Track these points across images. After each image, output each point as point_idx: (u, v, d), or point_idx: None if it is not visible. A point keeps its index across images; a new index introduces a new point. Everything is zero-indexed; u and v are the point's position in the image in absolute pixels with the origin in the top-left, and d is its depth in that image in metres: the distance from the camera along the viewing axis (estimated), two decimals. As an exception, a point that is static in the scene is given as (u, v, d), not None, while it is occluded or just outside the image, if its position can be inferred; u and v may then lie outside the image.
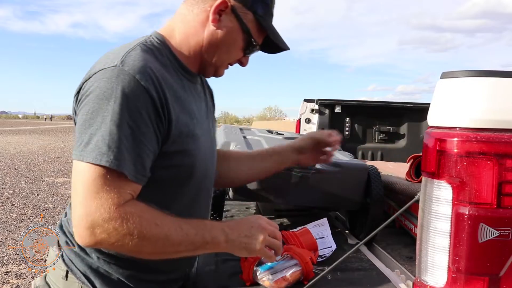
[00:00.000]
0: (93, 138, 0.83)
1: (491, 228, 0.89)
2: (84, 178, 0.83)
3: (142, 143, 0.86)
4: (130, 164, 0.84)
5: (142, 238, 0.84)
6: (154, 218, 0.87)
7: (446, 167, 0.93)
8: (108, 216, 0.81)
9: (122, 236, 0.83)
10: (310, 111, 3.04)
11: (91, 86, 0.87)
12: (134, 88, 0.85)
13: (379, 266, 1.34)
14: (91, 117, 0.84)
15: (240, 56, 1.07)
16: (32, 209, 5.71)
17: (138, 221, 0.84)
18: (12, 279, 3.42)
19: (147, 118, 0.86)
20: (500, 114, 0.92)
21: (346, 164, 1.55)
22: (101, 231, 0.82)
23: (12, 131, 27.91)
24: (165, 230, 0.87)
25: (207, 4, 1.00)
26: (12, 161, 10.83)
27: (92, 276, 0.98)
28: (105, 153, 0.82)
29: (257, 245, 0.97)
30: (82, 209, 0.82)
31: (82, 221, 0.82)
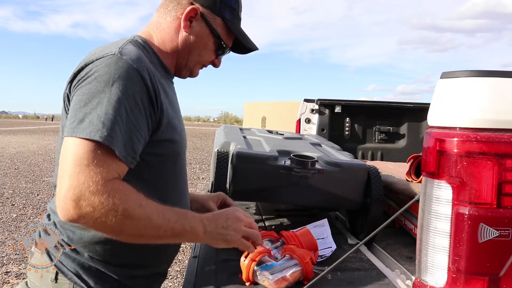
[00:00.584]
0: (87, 116, 0.86)
1: (491, 228, 0.89)
2: (74, 152, 0.84)
3: (134, 128, 0.90)
4: (121, 144, 0.87)
5: (126, 216, 0.85)
6: (139, 199, 0.89)
7: (446, 167, 0.93)
8: (95, 189, 0.82)
9: (107, 211, 0.83)
10: (310, 111, 3.04)
11: (89, 71, 0.91)
12: (132, 75, 0.91)
13: (379, 266, 1.34)
14: (88, 98, 0.88)
15: (212, 58, 1.16)
16: (32, 209, 5.71)
17: (124, 198, 0.85)
18: (12, 279, 3.42)
19: (141, 105, 0.91)
20: (500, 114, 0.92)
21: (346, 164, 1.55)
22: (86, 204, 0.82)
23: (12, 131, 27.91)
24: (147, 211, 0.89)
25: (179, 12, 1.08)
26: (12, 161, 10.83)
27: (85, 275, 0.99)
28: (99, 130, 0.84)
29: (234, 236, 1.01)
30: (70, 181, 0.82)
31: (69, 193, 0.82)
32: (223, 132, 2.03)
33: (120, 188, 0.87)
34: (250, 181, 1.50)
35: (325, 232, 1.45)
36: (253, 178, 1.49)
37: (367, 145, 3.05)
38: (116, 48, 0.94)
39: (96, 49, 0.99)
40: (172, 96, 1.09)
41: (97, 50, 0.97)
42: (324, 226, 1.46)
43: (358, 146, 3.04)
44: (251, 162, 1.49)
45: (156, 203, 0.92)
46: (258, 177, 1.49)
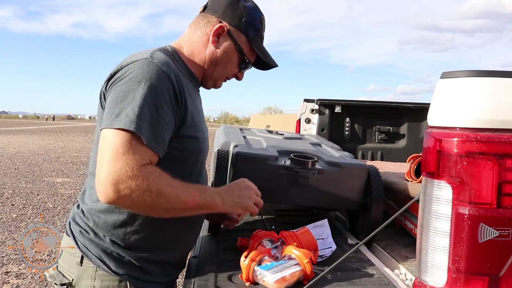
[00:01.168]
0: (123, 111, 0.99)
1: (491, 228, 0.89)
2: (112, 141, 0.97)
3: (163, 121, 1.03)
4: (152, 135, 1.00)
5: (159, 195, 0.99)
6: (168, 179, 1.03)
7: (446, 167, 0.93)
8: (132, 174, 0.95)
9: (143, 192, 0.96)
10: (310, 111, 3.03)
11: (125, 72, 1.05)
12: (160, 75, 1.04)
13: (379, 266, 1.34)
14: (123, 95, 1.01)
15: (236, 71, 1.30)
16: (32, 209, 5.71)
17: (156, 180, 0.99)
18: (12, 279, 3.43)
19: (169, 101, 1.04)
20: (500, 114, 0.92)
21: (346, 164, 1.55)
22: (124, 187, 0.94)
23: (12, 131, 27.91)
24: (176, 189, 1.03)
25: (208, 29, 1.23)
26: (12, 161, 10.83)
27: (106, 259, 1.12)
28: (134, 121, 0.97)
29: (249, 202, 1.19)
30: (109, 167, 0.95)
31: (108, 177, 0.94)
32: (223, 132, 2.03)
33: (152, 171, 0.99)
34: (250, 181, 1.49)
35: (325, 233, 1.45)
36: (253, 178, 1.49)
37: (367, 145, 3.05)
38: (148, 54, 1.08)
39: (131, 54, 1.13)
40: (196, 100, 1.23)
41: (132, 56, 1.11)
42: (324, 227, 1.46)
43: (358, 146, 3.04)
44: (251, 162, 1.49)
45: (181, 182, 1.06)
46: (258, 177, 1.49)
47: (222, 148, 1.65)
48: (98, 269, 1.12)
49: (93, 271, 1.12)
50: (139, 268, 1.16)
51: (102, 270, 1.11)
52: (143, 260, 1.16)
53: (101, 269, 1.12)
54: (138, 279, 1.15)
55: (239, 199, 1.17)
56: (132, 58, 1.08)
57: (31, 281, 3.39)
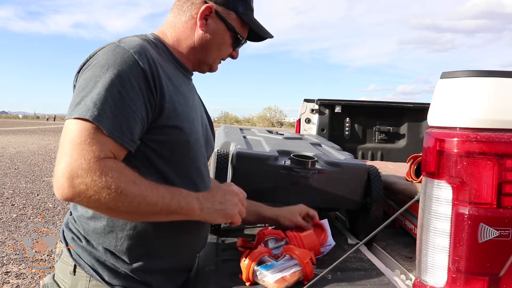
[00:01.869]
0: (83, 99, 0.90)
1: (491, 228, 0.89)
2: (69, 132, 0.88)
3: (130, 108, 0.91)
4: (114, 124, 0.89)
5: (119, 193, 0.87)
6: (133, 176, 0.91)
7: (446, 167, 0.93)
8: (87, 167, 0.84)
9: (100, 188, 0.85)
10: (310, 111, 3.04)
11: (91, 60, 0.97)
12: (127, 59, 0.94)
13: (379, 266, 1.34)
14: (85, 83, 0.92)
15: (230, 51, 1.19)
16: (32, 209, 5.71)
17: (116, 176, 0.87)
18: (12, 279, 3.42)
19: (137, 87, 0.93)
20: (500, 114, 0.92)
21: (346, 164, 1.55)
22: (79, 182, 0.84)
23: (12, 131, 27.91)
24: (142, 188, 0.90)
25: (194, 12, 1.11)
26: (12, 161, 10.83)
27: (100, 269, 1.02)
28: (90, 109, 0.87)
29: (232, 210, 1.06)
30: (64, 159, 0.85)
31: (63, 171, 0.84)
32: (223, 132, 2.03)
33: (113, 166, 0.88)
34: (250, 181, 1.49)
35: (325, 232, 1.45)
36: (253, 178, 1.49)
37: (367, 145, 3.05)
38: (117, 40, 0.99)
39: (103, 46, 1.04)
40: (183, 87, 1.11)
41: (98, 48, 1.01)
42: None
43: (358, 146, 3.04)
44: (251, 162, 1.49)
45: (151, 182, 0.93)
46: (258, 177, 1.49)
47: (222, 148, 1.65)
48: (92, 279, 1.02)
49: (86, 281, 1.03)
50: (135, 279, 1.04)
51: (96, 280, 1.02)
52: (140, 270, 1.05)
53: (95, 279, 1.02)
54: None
55: (221, 206, 1.03)
56: (101, 46, 1.00)
57: (31, 281, 3.39)
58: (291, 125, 58.19)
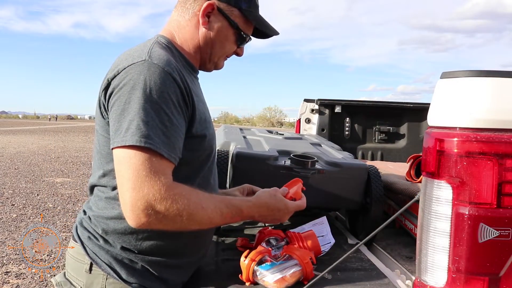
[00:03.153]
0: (132, 124, 0.89)
1: (491, 228, 0.89)
2: (131, 163, 0.89)
3: (176, 128, 0.95)
4: (169, 147, 0.92)
5: (190, 220, 0.93)
6: (200, 200, 0.96)
7: (446, 167, 0.93)
8: (160, 197, 0.88)
9: (173, 216, 0.90)
10: (310, 111, 3.04)
11: (123, 79, 0.94)
12: (165, 78, 0.94)
13: (379, 266, 1.34)
14: (128, 106, 0.91)
15: (234, 48, 1.18)
16: (32, 209, 5.71)
17: (186, 203, 0.92)
18: (12, 279, 3.42)
19: (178, 105, 0.95)
20: (500, 114, 0.92)
21: (346, 164, 1.55)
22: (154, 212, 0.88)
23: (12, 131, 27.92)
24: (208, 212, 0.97)
25: (196, 9, 1.10)
26: (12, 161, 10.83)
27: (117, 267, 1.03)
28: (147, 135, 0.88)
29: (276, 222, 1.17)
30: (135, 193, 0.87)
31: (137, 203, 0.87)
32: (223, 132, 2.03)
33: (182, 193, 0.92)
34: (250, 181, 1.49)
35: (324, 230, 1.45)
36: (253, 178, 1.49)
37: (367, 145, 3.05)
38: (145, 53, 0.97)
39: (125, 53, 1.03)
40: (199, 92, 1.12)
41: (127, 56, 1.00)
42: (323, 224, 1.46)
43: (358, 146, 3.04)
44: (251, 162, 1.49)
45: (214, 200, 1.00)
46: (258, 177, 1.49)
47: (222, 148, 1.65)
48: (108, 277, 1.03)
49: (103, 279, 1.03)
50: (152, 276, 1.06)
51: (113, 278, 1.03)
52: (158, 265, 1.07)
53: (112, 277, 1.03)
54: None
55: (272, 219, 1.14)
56: (128, 60, 0.97)
57: (31, 281, 3.39)
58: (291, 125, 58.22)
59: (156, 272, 1.07)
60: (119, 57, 1.04)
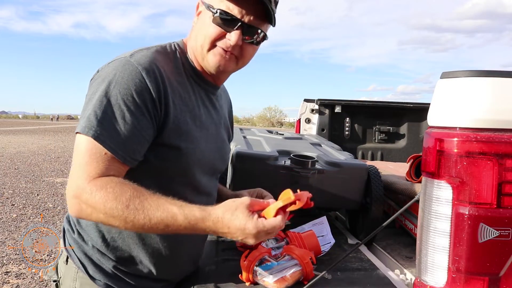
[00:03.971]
0: (90, 113, 0.90)
1: (491, 228, 0.89)
2: (77, 149, 0.91)
3: (135, 128, 0.92)
4: (118, 143, 0.90)
5: (110, 215, 0.87)
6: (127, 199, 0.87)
7: (446, 167, 0.93)
8: (83, 187, 0.87)
9: (91, 209, 0.87)
10: (310, 111, 3.04)
11: (104, 70, 0.97)
12: (134, 77, 0.93)
13: (379, 266, 1.34)
14: (93, 97, 0.92)
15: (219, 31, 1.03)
16: (32, 209, 5.71)
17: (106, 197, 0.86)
18: (12, 279, 3.43)
19: (143, 106, 0.93)
20: (500, 114, 0.92)
21: (346, 164, 1.55)
22: (81, 201, 0.88)
23: (12, 131, 27.92)
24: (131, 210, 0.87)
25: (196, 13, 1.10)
26: (12, 161, 10.83)
27: (86, 263, 1.06)
28: (94, 126, 0.89)
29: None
30: (71, 179, 0.89)
31: (69, 189, 0.89)
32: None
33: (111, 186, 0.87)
34: (250, 181, 1.49)
35: (324, 230, 1.45)
36: (253, 178, 1.49)
37: (367, 145, 3.05)
38: (130, 52, 0.98)
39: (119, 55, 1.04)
40: (194, 102, 1.06)
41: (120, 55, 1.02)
42: (323, 224, 1.46)
43: (358, 146, 3.04)
44: (251, 162, 1.49)
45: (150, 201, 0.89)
46: (258, 177, 1.49)
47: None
48: (79, 271, 1.06)
49: (75, 272, 1.06)
50: (118, 277, 1.07)
51: (82, 272, 1.05)
52: (123, 272, 1.07)
53: (81, 272, 1.05)
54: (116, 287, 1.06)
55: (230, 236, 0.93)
56: (114, 58, 0.99)
57: (31, 281, 3.39)
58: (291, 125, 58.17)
59: (122, 277, 1.07)
60: None
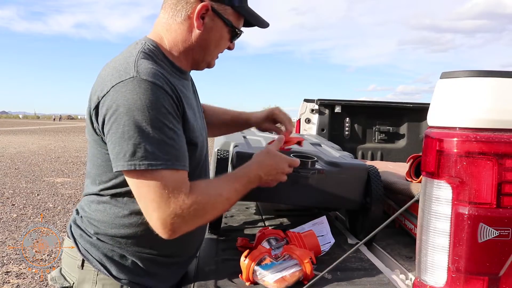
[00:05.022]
0: (139, 147, 0.90)
1: (490, 228, 0.89)
2: (150, 185, 0.92)
3: (181, 137, 0.98)
4: (180, 159, 0.96)
5: (214, 209, 1.02)
6: (216, 189, 1.03)
7: (446, 167, 0.93)
8: (186, 207, 0.94)
9: (201, 215, 0.98)
10: (310, 111, 3.04)
11: (116, 100, 0.92)
12: (158, 93, 0.93)
13: (379, 266, 1.34)
14: (129, 129, 0.90)
15: (228, 45, 1.16)
16: (32, 209, 5.71)
17: (207, 198, 0.99)
18: (13, 279, 3.43)
19: (175, 115, 0.97)
20: (500, 114, 0.92)
21: (346, 164, 1.55)
22: (184, 220, 0.95)
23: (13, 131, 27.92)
24: (226, 196, 1.04)
25: (189, 11, 1.06)
26: (13, 161, 10.84)
27: (107, 264, 1.07)
28: (158, 158, 0.91)
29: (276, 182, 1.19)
30: (162, 212, 0.93)
31: (166, 220, 0.93)
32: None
33: (202, 191, 0.98)
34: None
35: (324, 230, 1.45)
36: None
37: (367, 145, 3.05)
38: (132, 69, 0.95)
39: (110, 66, 1.00)
40: (189, 96, 1.11)
41: (112, 70, 0.97)
42: (323, 224, 1.46)
43: (358, 146, 3.04)
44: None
45: (225, 182, 1.07)
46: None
47: (222, 148, 1.65)
48: (99, 273, 1.07)
49: (94, 275, 1.07)
50: (142, 271, 1.10)
51: (103, 274, 1.06)
52: (148, 261, 1.10)
53: (102, 274, 1.06)
54: (141, 284, 1.09)
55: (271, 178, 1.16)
56: (115, 77, 0.95)
57: (31, 281, 3.39)
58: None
59: (146, 267, 1.10)
60: (104, 69, 1.01)
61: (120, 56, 1.03)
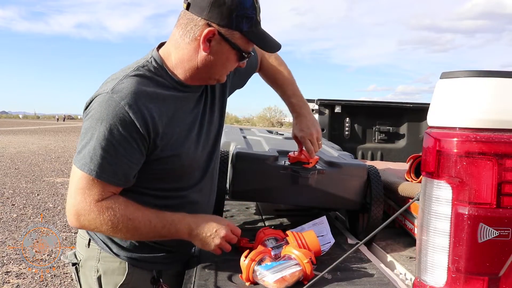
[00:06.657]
0: (83, 149, 1.06)
1: (490, 228, 0.89)
2: (74, 177, 1.09)
3: (123, 157, 1.06)
4: (110, 172, 1.06)
5: (115, 228, 1.10)
6: (128, 213, 1.10)
7: (446, 167, 0.93)
8: (88, 209, 1.07)
9: (99, 225, 1.08)
10: (310, 111, 3.03)
11: (92, 107, 1.09)
12: (118, 112, 1.04)
13: (379, 266, 1.34)
14: (85, 132, 1.07)
15: (236, 65, 1.19)
16: (32, 209, 5.71)
17: (113, 214, 1.08)
18: (13, 279, 3.43)
19: (129, 136, 1.06)
20: (500, 114, 0.92)
21: (346, 164, 1.56)
22: (83, 219, 1.08)
23: (13, 131, 27.92)
24: (135, 223, 1.10)
25: (197, 34, 1.10)
26: (13, 161, 10.84)
27: (109, 243, 1.23)
28: (87, 164, 1.05)
29: (212, 246, 1.19)
30: (71, 200, 1.08)
31: (71, 209, 1.08)
32: (223, 132, 2.02)
33: (111, 206, 1.08)
34: (250, 181, 1.50)
35: (324, 230, 1.45)
36: (253, 178, 1.49)
37: (367, 145, 3.05)
38: (112, 85, 1.08)
39: (107, 80, 1.15)
40: (182, 111, 1.18)
41: (107, 80, 1.13)
42: (323, 224, 1.46)
43: (358, 146, 3.04)
44: (251, 162, 1.49)
45: (146, 213, 1.12)
46: (258, 177, 1.49)
47: (222, 148, 1.65)
48: (102, 251, 1.22)
49: (97, 253, 1.23)
50: (139, 251, 1.23)
51: (105, 252, 1.22)
52: (144, 243, 1.23)
53: (105, 251, 1.22)
54: (138, 260, 1.23)
55: (206, 239, 1.18)
56: (102, 88, 1.10)
57: (31, 281, 3.39)
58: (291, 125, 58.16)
59: (142, 250, 1.23)
60: (107, 78, 1.16)
61: (123, 68, 1.16)
